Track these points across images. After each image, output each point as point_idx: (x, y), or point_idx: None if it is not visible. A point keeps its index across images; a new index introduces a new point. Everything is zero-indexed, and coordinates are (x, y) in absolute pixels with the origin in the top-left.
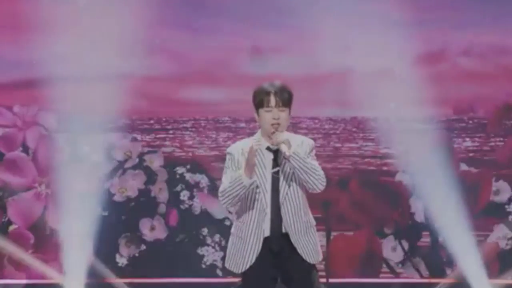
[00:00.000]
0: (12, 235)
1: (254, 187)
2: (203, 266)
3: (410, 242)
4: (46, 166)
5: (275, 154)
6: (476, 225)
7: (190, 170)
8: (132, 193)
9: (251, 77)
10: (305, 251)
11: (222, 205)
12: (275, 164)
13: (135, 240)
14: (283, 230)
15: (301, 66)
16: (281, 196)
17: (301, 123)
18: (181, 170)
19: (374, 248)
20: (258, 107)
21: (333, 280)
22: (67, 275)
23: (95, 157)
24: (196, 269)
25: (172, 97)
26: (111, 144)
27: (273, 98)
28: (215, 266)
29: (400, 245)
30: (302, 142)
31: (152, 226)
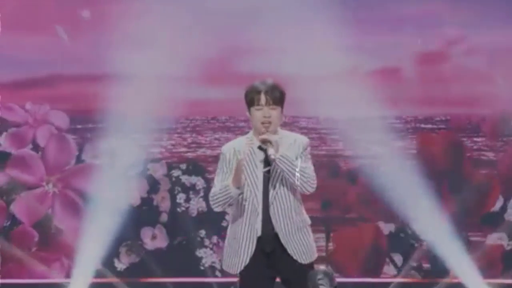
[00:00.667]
0: (16, 233)
1: (245, 187)
2: (202, 268)
3: (414, 239)
4: (55, 165)
5: (266, 153)
6: (481, 225)
7: (186, 172)
8: (134, 201)
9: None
10: (296, 251)
11: (212, 206)
12: (267, 163)
13: (136, 248)
14: (275, 230)
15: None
16: (270, 196)
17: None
18: (177, 172)
19: (379, 243)
20: (249, 106)
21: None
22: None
23: (99, 161)
24: (194, 271)
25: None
26: (116, 150)
27: (263, 96)
28: (214, 268)
29: (404, 241)
30: (295, 141)
31: (153, 235)
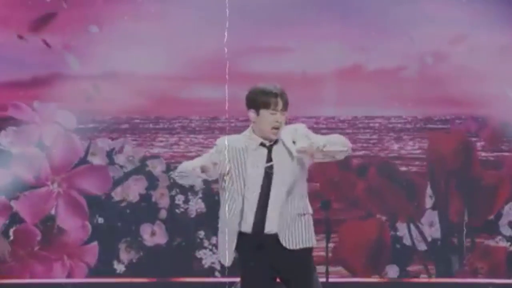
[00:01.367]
0: (18, 231)
1: (238, 182)
2: (201, 268)
3: (421, 236)
4: (60, 164)
5: (269, 149)
6: (487, 226)
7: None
8: (133, 198)
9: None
10: (290, 238)
11: (176, 177)
12: (269, 159)
13: (135, 245)
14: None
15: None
16: (272, 191)
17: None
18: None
19: (384, 238)
20: (260, 108)
21: (332, 279)
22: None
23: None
24: (194, 272)
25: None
26: (114, 147)
27: (280, 101)
28: (213, 269)
29: (411, 238)
30: (296, 130)
31: (152, 231)
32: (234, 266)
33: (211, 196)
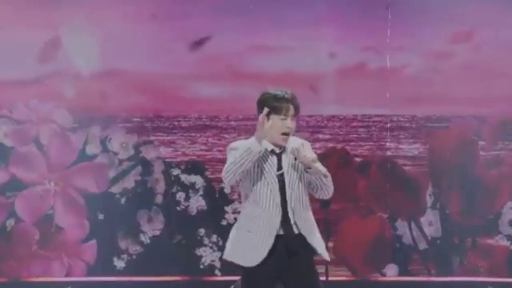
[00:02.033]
0: (16, 230)
1: (263, 185)
2: (201, 266)
3: (421, 235)
4: (57, 163)
5: (278, 156)
6: (488, 225)
7: (185, 171)
8: (128, 184)
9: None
10: (319, 247)
11: (225, 179)
12: (279, 166)
13: (133, 232)
14: (295, 231)
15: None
16: (288, 198)
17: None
18: (176, 171)
19: (385, 236)
20: (271, 112)
21: (332, 278)
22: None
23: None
24: (194, 269)
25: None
26: (107, 135)
27: (292, 107)
28: (214, 267)
29: (411, 236)
30: (303, 144)
31: (149, 218)
32: (234, 265)
33: (212, 193)
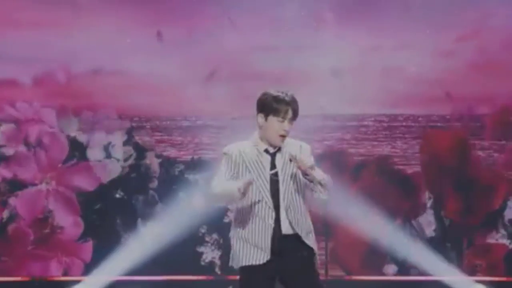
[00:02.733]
0: (13, 231)
1: (254, 189)
2: (202, 263)
3: (417, 235)
4: (47, 163)
5: (273, 156)
6: (485, 224)
7: (187, 169)
8: (125, 181)
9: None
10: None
11: (208, 202)
12: (273, 166)
13: (132, 229)
14: (284, 231)
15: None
16: (281, 197)
17: None
18: (178, 168)
19: (383, 236)
20: (269, 113)
21: (332, 278)
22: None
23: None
24: (195, 267)
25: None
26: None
27: (291, 110)
28: (214, 264)
29: (409, 236)
30: (301, 147)
31: (149, 214)
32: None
33: None
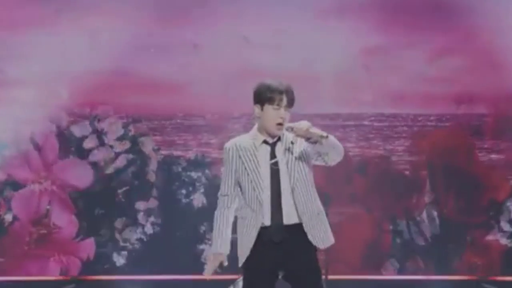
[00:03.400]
0: (13, 230)
1: (248, 184)
2: (203, 261)
3: (420, 233)
4: (41, 163)
5: (272, 147)
6: (486, 223)
7: (187, 167)
8: (120, 163)
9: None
10: (315, 237)
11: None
12: (273, 156)
13: (132, 227)
14: (285, 221)
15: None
16: (283, 186)
17: None
18: (178, 167)
19: (383, 235)
20: (265, 103)
21: (332, 277)
22: (66, 272)
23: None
24: (195, 264)
25: (170, 94)
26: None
27: (285, 97)
28: None
29: (409, 234)
30: (299, 124)
31: (148, 212)
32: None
33: (213, 190)
